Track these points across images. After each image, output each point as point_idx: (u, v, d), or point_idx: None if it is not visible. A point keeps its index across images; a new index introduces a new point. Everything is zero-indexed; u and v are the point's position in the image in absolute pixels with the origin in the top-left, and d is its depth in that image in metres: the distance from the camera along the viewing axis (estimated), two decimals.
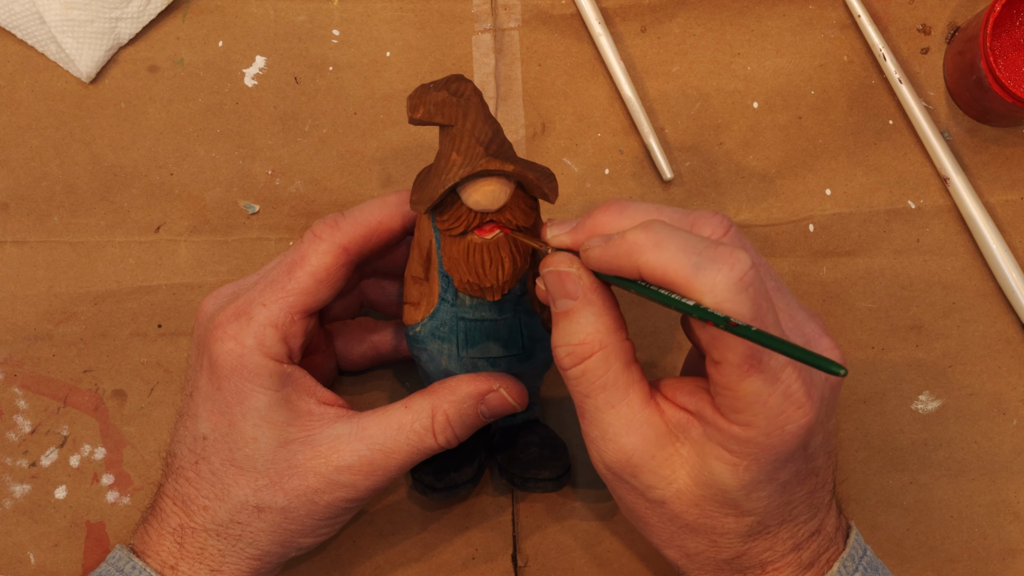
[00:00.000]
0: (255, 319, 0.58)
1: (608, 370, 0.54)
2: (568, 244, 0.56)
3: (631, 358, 0.55)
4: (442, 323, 0.59)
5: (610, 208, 0.55)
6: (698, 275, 0.49)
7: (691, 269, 0.49)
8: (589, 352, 0.54)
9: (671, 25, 0.73)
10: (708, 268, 0.49)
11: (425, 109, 0.55)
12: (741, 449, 0.52)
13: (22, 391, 0.70)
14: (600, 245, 0.53)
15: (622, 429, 0.54)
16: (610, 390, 0.54)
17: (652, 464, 0.54)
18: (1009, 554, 0.70)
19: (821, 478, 0.56)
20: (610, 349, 0.54)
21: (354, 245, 0.60)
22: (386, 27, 0.73)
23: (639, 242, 0.51)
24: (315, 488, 0.58)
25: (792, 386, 0.50)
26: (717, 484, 0.53)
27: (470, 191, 0.55)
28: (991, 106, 0.69)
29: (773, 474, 0.53)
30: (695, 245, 0.50)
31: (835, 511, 0.58)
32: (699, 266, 0.49)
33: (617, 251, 0.52)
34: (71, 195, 0.71)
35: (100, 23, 0.71)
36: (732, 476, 0.52)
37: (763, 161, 0.72)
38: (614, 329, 0.55)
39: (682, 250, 0.50)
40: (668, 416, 0.55)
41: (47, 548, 0.69)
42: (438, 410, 0.59)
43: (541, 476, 0.64)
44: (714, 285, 0.49)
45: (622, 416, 0.54)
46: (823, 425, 0.54)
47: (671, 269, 0.50)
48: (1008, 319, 0.71)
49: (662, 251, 0.50)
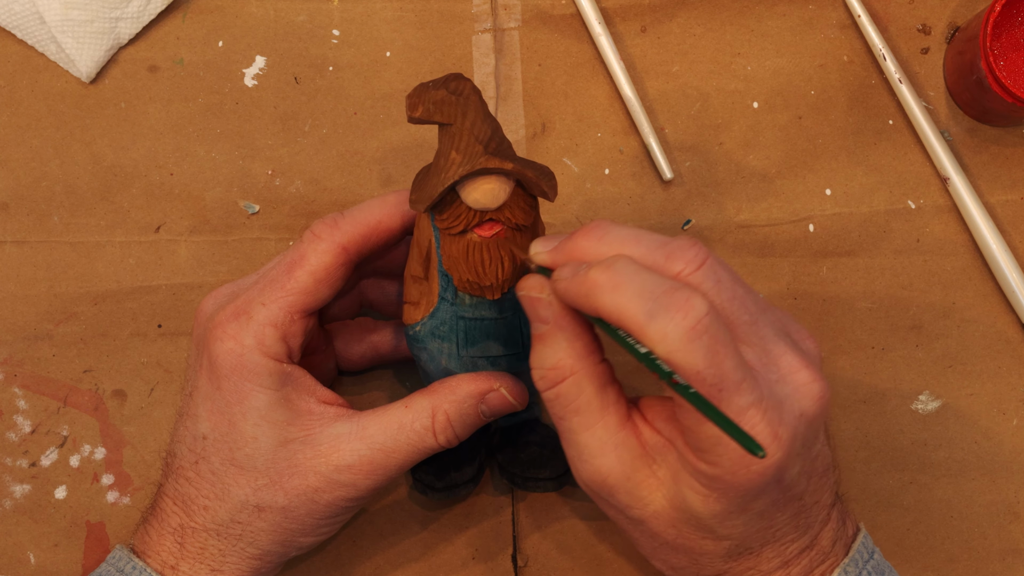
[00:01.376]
0: (255, 318, 0.58)
1: (580, 394, 0.54)
2: (547, 264, 0.55)
3: (606, 380, 0.55)
4: (442, 322, 0.59)
5: (591, 232, 0.54)
6: (651, 322, 0.48)
7: (645, 316, 0.49)
8: (561, 377, 0.54)
9: (671, 25, 0.73)
10: (661, 316, 0.48)
11: (424, 108, 0.55)
12: (710, 483, 0.51)
13: (22, 391, 0.70)
14: (566, 279, 0.53)
15: (597, 451, 0.54)
16: (584, 413, 0.54)
17: (628, 485, 0.54)
18: (1009, 554, 0.70)
19: (807, 500, 0.56)
20: (582, 374, 0.54)
21: (353, 244, 0.60)
22: (386, 27, 0.73)
23: (599, 282, 0.50)
24: (315, 487, 0.58)
25: (756, 427, 0.50)
26: (690, 510, 0.53)
27: (469, 189, 0.55)
28: (991, 106, 0.69)
29: (745, 506, 0.52)
30: (652, 289, 0.49)
31: (834, 523, 0.58)
32: (652, 313, 0.48)
33: (579, 289, 0.51)
34: (71, 195, 0.71)
35: (100, 23, 0.71)
36: (703, 506, 0.52)
37: (763, 161, 0.72)
38: (586, 354, 0.54)
39: (638, 295, 0.49)
40: (645, 438, 0.55)
41: (47, 548, 0.69)
42: (438, 409, 0.59)
43: (541, 476, 0.64)
44: (666, 334, 0.48)
45: (597, 438, 0.54)
46: (799, 457, 0.53)
47: (626, 314, 0.49)
48: (1008, 319, 0.71)
49: (619, 294, 0.49)
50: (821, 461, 0.56)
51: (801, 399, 0.52)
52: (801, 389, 0.52)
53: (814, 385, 0.52)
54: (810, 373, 0.52)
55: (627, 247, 0.53)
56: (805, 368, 0.52)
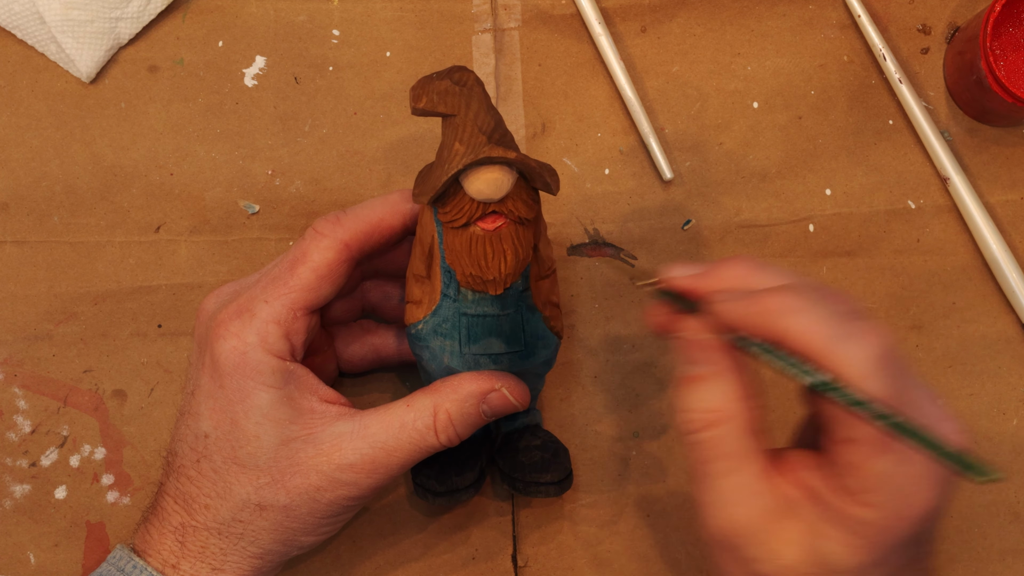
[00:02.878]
0: (257, 316, 0.58)
1: (729, 441, 0.53)
2: (687, 289, 0.54)
3: (757, 427, 0.53)
4: (444, 319, 0.59)
5: (743, 263, 0.53)
6: (840, 346, 0.48)
7: (834, 339, 0.48)
8: (716, 420, 0.53)
9: (671, 25, 0.73)
10: (851, 340, 0.47)
11: (428, 99, 0.55)
12: (861, 530, 0.50)
13: (22, 391, 0.70)
14: (737, 300, 0.51)
15: (735, 498, 0.52)
16: (730, 459, 0.53)
17: (761, 536, 0.52)
18: (1009, 554, 0.70)
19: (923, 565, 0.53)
20: (736, 421, 0.52)
21: (356, 241, 0.60)
22: (386, 27, 0.73)
23: (785, 304, 0.49)
24: (317, 486, 0.58)
25: (924, 468, 0.48)
26: (829, 564, 0.51)
27: (472, 179, 0.55)
28: (991, 106, 0.69)
29: (887, 557, 0.50)
30: (839, 315, 0.48)
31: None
32: (842, 337, 0.48)
33: (758, 309, 0.50)
34: (71, 195, 0.71)
35: (100, 23, 0.71)
36: (847, 557, 0.50)
37: (763, 161, 0.72)
38: (745, 397, 0.53)
39: (826, 319, 0.48)
40: (782, 490, 0.53)
41: (47, 548, 0.69)
42: (440, 408, 0.59)
43: (543, 480, 0.64)
44: (855, 358, 0.47)
45: (737, 485, 0.53)
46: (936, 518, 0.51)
47: (814, 337, 0.48)
48: (1008, 319, 0.71)
49: (806, 316, 0.48)
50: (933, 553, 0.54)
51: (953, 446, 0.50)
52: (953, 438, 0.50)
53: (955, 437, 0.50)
54: (954, 425, 0.51)
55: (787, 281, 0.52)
56: (948, 419, 0.51)
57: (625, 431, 0.70)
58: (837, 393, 0.48)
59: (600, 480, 0.70)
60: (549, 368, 0.63)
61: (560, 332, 0.62)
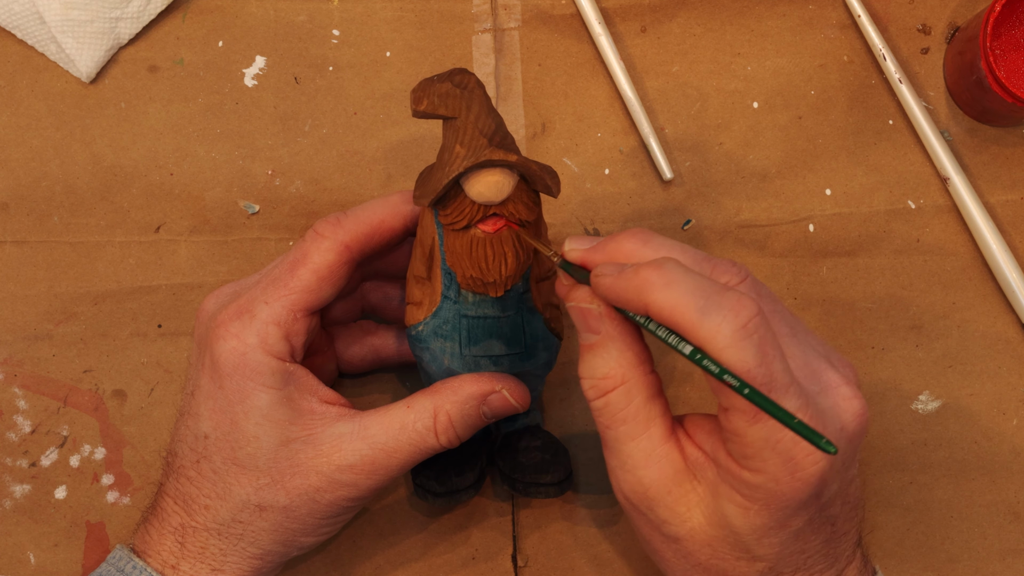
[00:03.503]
0: (257, 317, 0.58)
1: (630, 403, 0.54)
2: (581, 261, 0.55)
3: (655, 392, 0.55)
4: (445, 321, 0.59)
5: (634, 236, 0.54)
6: (704, 319, 0.49)
7: (697, 312, 0.49)
8: (611, 386, 0.54)
9: (671, 25, 0.73)
10: (714, 313, 0.48)
11: (429, 101, 0.55)
12: (752, 494, 0.51)
13: (22, 391, 0.70)
14: (612, 275, 0.53)
15: (641, 462, 0.54)
16: (631, 423, 0.54)
17: (668, 500, 0.54)
18: (1009, 554, 0.70)
19: (839, 528, 0.55)
20: (632, 383, 0.54)
21: (356, 243, 0.60)
22: (386, 27, 0.73)
23: (651, 279, 0.50)
24: (317, 487, 0.58)
25: None
26: (729, 527, 0.53)
27: (473, 182, 0.55)
28: (991, 106, 0.69)
29: (785, 521, 0.52)
30: (705, 289, 0.49)
31: (858, 562, 0.57)
32: (705, 310, 0.49)
33: (627, 284, 0.51)
34: (71, 195, 0.71)
35: (100, 23, 0.71)
36: (743, 520, 0.52)
37: (763, 161, 0.72)
38: (637, 363, 0.55)
39: (691, 292, 0.49)
40: (688, 453, 0.54)
41: (47, 548, 0.69)
42: (440, 410, 0.59)
43: (543, 481, 0.64)
44: (719, 330, 0.48)
45: (641, 449, 0.54)
46: (839, 474, 0.53)
47: (678, 310, 0.49)
48: (1008, 319, 0.71)
49: (672, 291, 0.50)
50: (854, 489, 0.56)
51: (842, 413, 0.52)
52: (842, 404, 0.52)
53: (855, 401, 0.52)
54: (851, 390, 0.53)
55: (672, 254, 0.53)
56: (846, 384, 0.53)
57: None
58: (703, 362, 0.49)
59: (600, 480, 0.70)
60: (549, 369, 0.64)
61: (560, 333, 0.62)
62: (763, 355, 0.48)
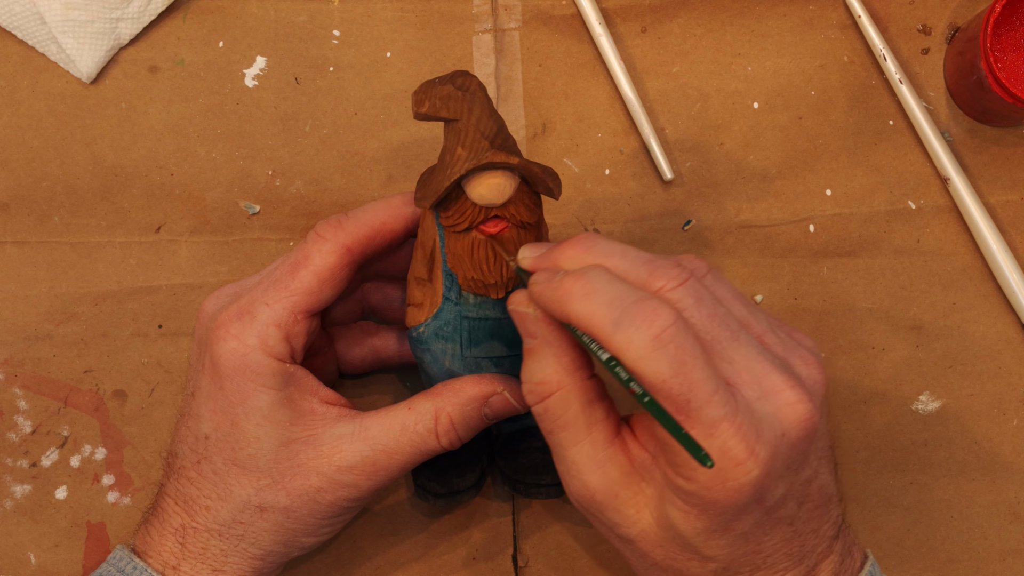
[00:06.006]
0: (258, 318, 0.58)
1: (567, 409, 0.54)
2: (530, 268, 0.56)
3: (594, 396, 0.55)
4: (446, 322, 0.59)
5: (578, 243, 0.54)
6: (617, 331, 0.49)
7: (611, 324, 0.49)
8: (548, 392, 0.54)
9: (671, 25, 0.73)
10: (627, 324, 0.49)
11: (430, 103, 0.55)
12: (688, 499, 0.51)
13: (23, 391, 0.70)
14: (542, 283, 0.53)
15: (585, 467, 0.54)
16: (571, 429, 0.54)
17: (615, 503, 0.54)
18: (1009, 554, 0.70)
19: (800, 527, 0.55)
20: (569, 389, 0.54)
21: (357, 245, 0.60)
22: (386, 27, 0.73)
23: (571, 289, 0.51)
24: (317, 488, 0.58)
25: (729, 442, 0.49)
26: (674, 529, 0.53)
27: (475, 184, 0.55)
28: (991, 106, 0.69)
29: (727, 525, 0.52)
30: (623, 299, 0.49)
31: (837, 555, 0.57)
32: (619, 322, 0.49)
33: (552, 294, 0.52)
34: (72, 195, 0.71)
35: (100, 23, 0.71)
36: (685, 523, 0.52)
37: (763, 161, 0.72)
38: (573, 369, 0.54)
39: (607, 303, 0.49)
40: (634, 455, 0.54)
41: (47, 548, 0.69)
42: (441, 412, 0.59)
43: (543, 482, 0.64)
44: (631, 342, 0.48)
45: (584, 454, 0.54)
46: (782, 479, 0.52)
47: (594, 321, 0.49)
48: (1008, 319, 0.71)
49: (590, 302, 0.50)
50: (817, 489, 0.55)
51: (783, 419, 0.51)
52: (784, 409, 0.51)
53: (798, 406, 0.51)
54: (795, 394, 0.51)
55: (611, 260, 0.53)
56: (790, 389, 0.51)
57: None
58: (614, 372, 0.49)
59: None
60: None
61: None
62: (679, 365, 0.48)
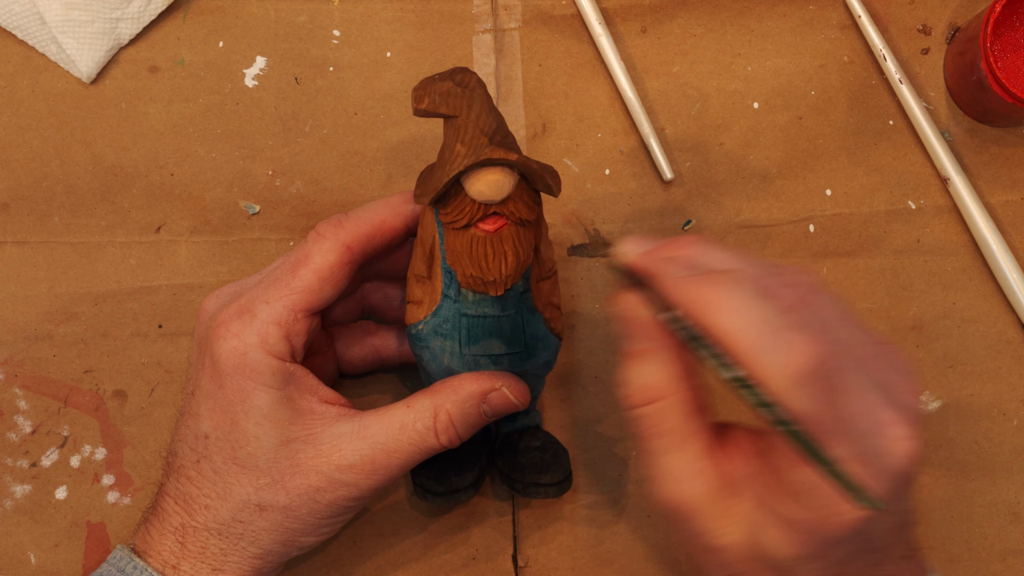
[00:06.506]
0: (258, 317, 0.58)
1: (670, 418, 0.53)
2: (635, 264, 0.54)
3: (697, 407, 0.54)
4: (445, 320, 0.59)
5: (695, 243, 0.53)
6: (765, 356, 0.47)
7: (761, 348, 0.48)
8: (652, 398, 0.53)
9: (671, 25, 0.73)
10: (779, 352, 0.47)
11: (430, 99, 0.55)
12: (794, 526, 0.50)
13: (23, 391, 0.70)
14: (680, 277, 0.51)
15: (679, 475, 0.53)
16: (668, 437, 0.53)
17: (706, 513, 0.53)
18: (1009, 554, 0.70)
19: (881, 554, 0.53)
20: (674, 399, 0.53)
21: (358, 244, 0.60)
22: (386, 27, 0.73)
23: (721, 299, 0.49)
24: (317, 487, 0.58)
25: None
26: (767, 551, 0.52)
27: (474, 181, 0.55)
28: (991, 106, 0.69)
29: (825, 552, 0.51)
30: (770, 322, 0.48)
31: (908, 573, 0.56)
32: (769, 348, 0.47)
33: (694, 296, 0.50)
34: (72, 195, 0.71)
35: (100, 23, 0.71)
36: (782, 548, 0.51)
37: (763, 161, 0.72)
38: (680, 378, 0.53)
39: (755, 324, 0.48)
40: (727, 471, 0.53)
41: (48, 548, 0.69)
42: (440, 410, 0.59)
43: (542, 481, 0.64)
44: (778, 371, 0.47)
45: (678, 463, 0.53)
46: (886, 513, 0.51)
47: (741, 340, 0.48)
48: (1008, 319, 0.71)
49: (737, 318, 0.48)
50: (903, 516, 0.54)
51: (895, 453, 0.50)
52: (896, 444, 0.50)
53: (908, 443, 0.50)
54: (905, 429, 0.50)
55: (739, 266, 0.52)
56: (901, 424, 0.50)
57: (625, 432, 0.70)
58: (748, 392, 0.48)
59: (600, 481, 0.70)
60: (549, 369, 0.64)
61: (560, 334, 0.62)
62: (819, 403, 0.47)
